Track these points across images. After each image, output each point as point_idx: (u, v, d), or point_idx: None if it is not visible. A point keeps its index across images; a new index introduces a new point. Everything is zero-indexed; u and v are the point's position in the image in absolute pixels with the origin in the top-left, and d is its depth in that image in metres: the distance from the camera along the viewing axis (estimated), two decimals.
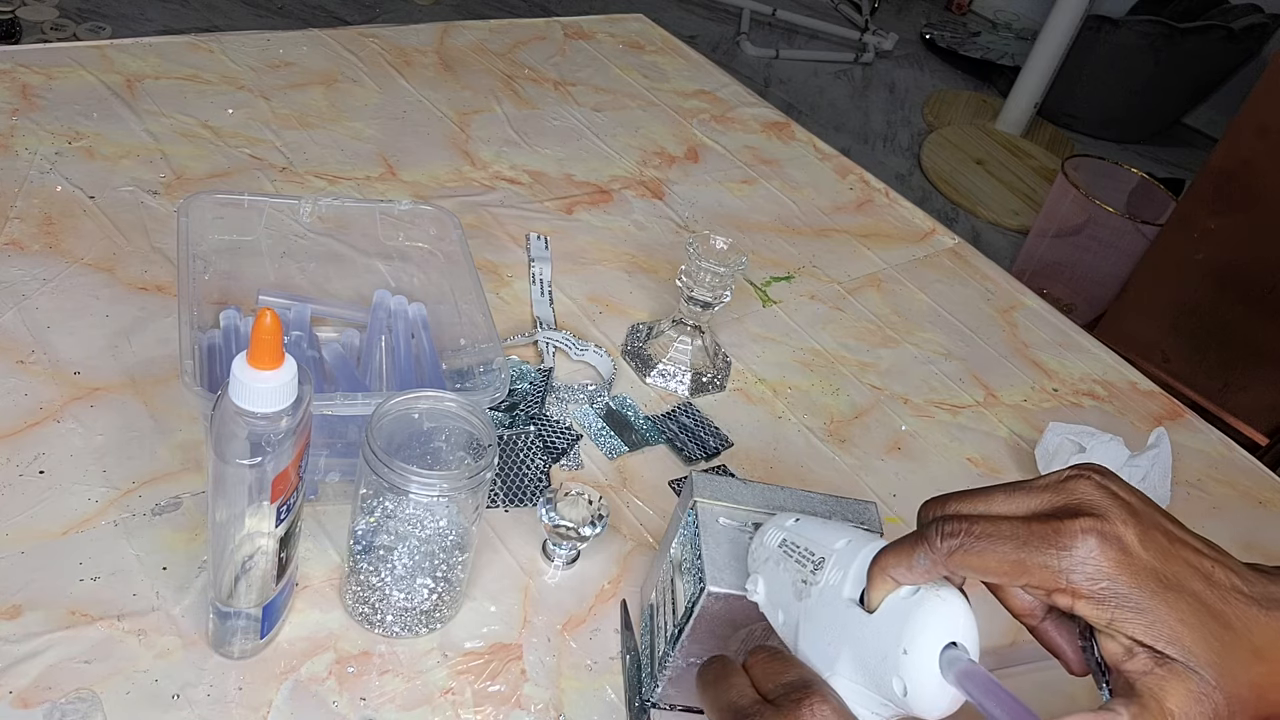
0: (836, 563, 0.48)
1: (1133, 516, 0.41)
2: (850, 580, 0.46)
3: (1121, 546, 0.40)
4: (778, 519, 0.54)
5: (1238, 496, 0.94)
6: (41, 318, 0.77)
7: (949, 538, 0.42)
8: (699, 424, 0.84)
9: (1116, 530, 0.40)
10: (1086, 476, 0.43)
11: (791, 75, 3.29)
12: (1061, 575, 0.40)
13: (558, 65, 1.30)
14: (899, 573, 0.44)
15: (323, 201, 0.79)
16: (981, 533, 0.42)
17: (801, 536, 0.51)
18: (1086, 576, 0.40)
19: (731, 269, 0.82)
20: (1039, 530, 0.41)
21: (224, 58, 1.13)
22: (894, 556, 0.44)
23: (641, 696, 0.64)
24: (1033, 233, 2.54)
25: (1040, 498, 0.43)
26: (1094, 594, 0.40)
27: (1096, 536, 0.40)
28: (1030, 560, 0.41)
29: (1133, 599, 0.40)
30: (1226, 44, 3.00)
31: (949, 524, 0.43)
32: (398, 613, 0.62)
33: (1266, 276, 1.87)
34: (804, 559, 0.50)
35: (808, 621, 0.48)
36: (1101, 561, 0.40)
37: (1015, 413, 0.96)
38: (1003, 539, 0.41)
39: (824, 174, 1.24)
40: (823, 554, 0.49)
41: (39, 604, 0.60)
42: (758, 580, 0.52)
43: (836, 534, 0.50)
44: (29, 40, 2.40)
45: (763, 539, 0.54)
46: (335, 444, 0.69)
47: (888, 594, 0.44)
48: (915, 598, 0.44)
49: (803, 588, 0.49)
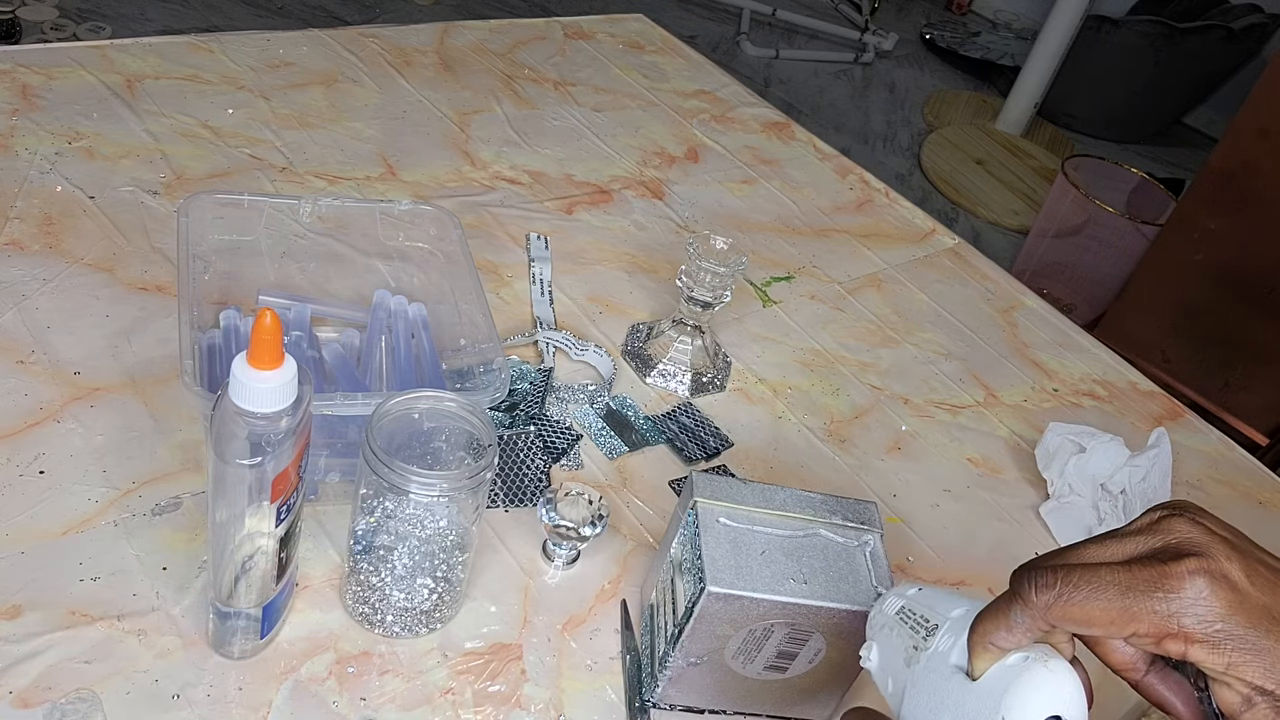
0: (950, 630, 0.46)
1: (1236, 552, 0.40)
2: (959, 647, 0.45)
3: (1230, 585, 0.38)
4: (900, 587, 0.53)
5: (1238, 496, 0.94)
6: (41, 318, 0.77)
7: (1045, 590, 0.40)
8: (699, 424, 0.84)
9: (1224, 568, 0.39)
10: (1180, 514, 0.42)
11: (791, 75, 3.29)
12: (1172, 620, 0.38)
13: (558, 65, 1.30)
14: (998, 636, 0.42)
15: (323, 201, 0.79)
16: (1080, 581, 0.40)
17: (920, 604, 0.50)
18: (1199, 619, 0.38)
19: (731, 269, 0.82)
20: (1142, 574, 0.39)
21: (224, 58, 1.13)
22: (991, 619, 0.42)
23: (641, 696, 0.64)
24: (1033, 233, 2.54)
25: (1136, 541, 0.41)
26: (1209, 638, 0.38)
27: (1205, 577, 0.38)
28: (1136, 606, 0.39)
29: (1249, 640, 0.38)
30: (1226, 44, 3.00)
31: (1044, 575, 0.41)
32: (398, 613, 0.62)
33: (1266, 276, 1.87)
34: (918, 626, 0.48)
35: (913, 688, 0.46)
36: (1214, 603, 0.38)
37: (1015, 413, 0.96)
38: (1104, 585, 0.39)
39: (824, 174, 1.24)
40: (937, 621, 0.47)
41: (39, 604, 0.60)
42: (872, 647, 0.51)
43: (955, 602, 0.48)
44: (29, 40, 2.40)
45: (882, 606, 0.52)
46: (335, 444, 0.69)
47: (991, 662, 0.43)
48: (1020, 665, 0.42)
49: (913, 654, 0.47)
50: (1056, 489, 0.86)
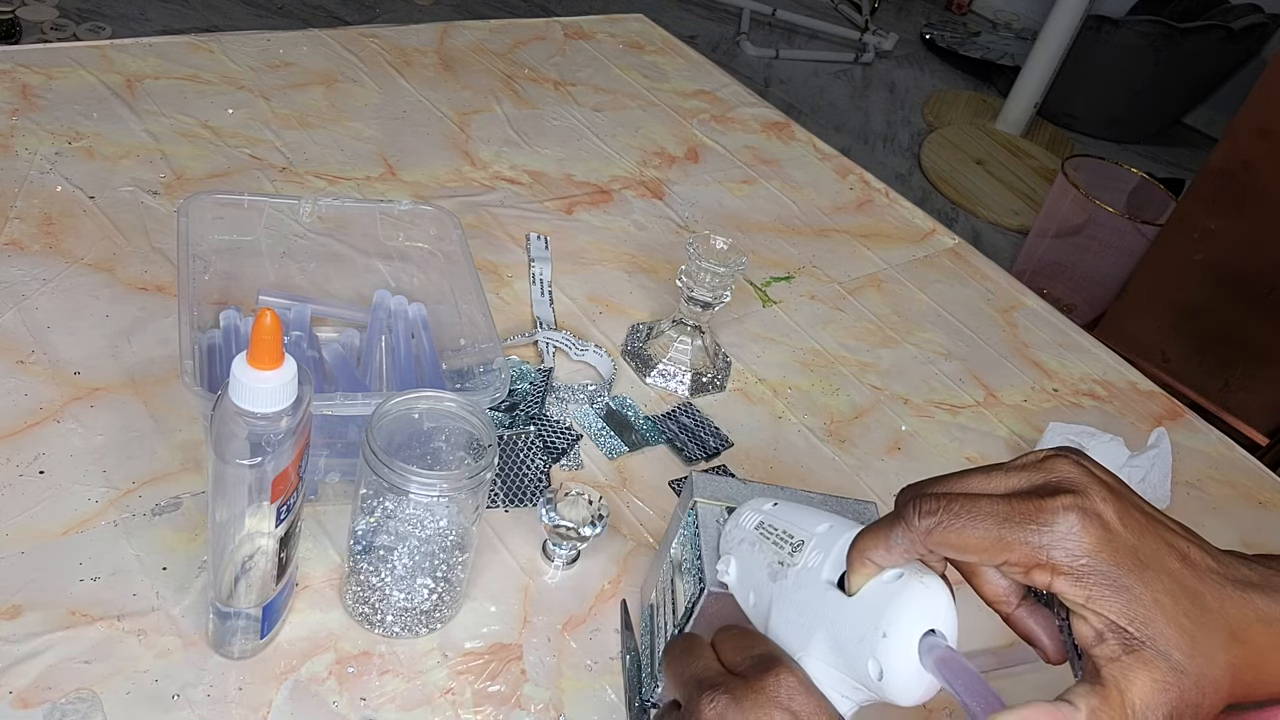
0: (817, 546, 0.47)
1: (1112, 494, 0.41)
2: (830, 563, 0.46)
3: (1102, 523, 0.40)
4: (754, 502, 0.54)
5: (1238, 496, 0.94)
6: (41, 318, 0.77)
7: (927, 515, 0.42)
8: (699, 424, 0.84)
9: (1097, 507, 0.40)
10: (1064, 456, 0.43)
11: (791, 75, 3.29)
12: (1042, 551, 0.40)
13: (558, 65, 1.30)
14: (878, 554, 0.43)
15: (323, 201, 0.79)
16: (960, 510, 0.42)
17: (781, 520, 0.51)
18: (1067, 553, 0.40)
19: (731, 269, 0.82)
20: (1019, 507, 0.41)
21: (224, 58, 1.13)
22: (872, 538, 0.44)
23: (641, 696, 0.64)
24: (1033, 233, 2.54)
25: (1019, 476, 0.43)
26: (1074, 570, 0.40)
27: (1078, 513, 0.40)
28: (1010, 536, 0.40)
29: (1112, 576, 0.39)
30: (1226, 44, 3.00)
31: (927, 502, 0.42)
32: (398, 613, 0.62)
33: (1266, 276, 1.87)
34: (782, 541, 0.49)
35: (782, 602, 0.47)
36: (1083, 538, 0.40)
37: (1015, 413, 0.96)
38: (982, 515, 0.41)
39: (824, 174, 1.24)
40: (803, 537, 0.48)
41: (39, 604, 0.60)
42: (730, 561, 0.52)
43: (818, 518, 0.49)
44: (29, 40, 2.40)
45: (738, 520, 0.53)
46: (335, 444, 0.69)
47: (869, 578, 0.44)
48: (898, 582, 0.43)
49: (779, 569, 0.48)
50: None
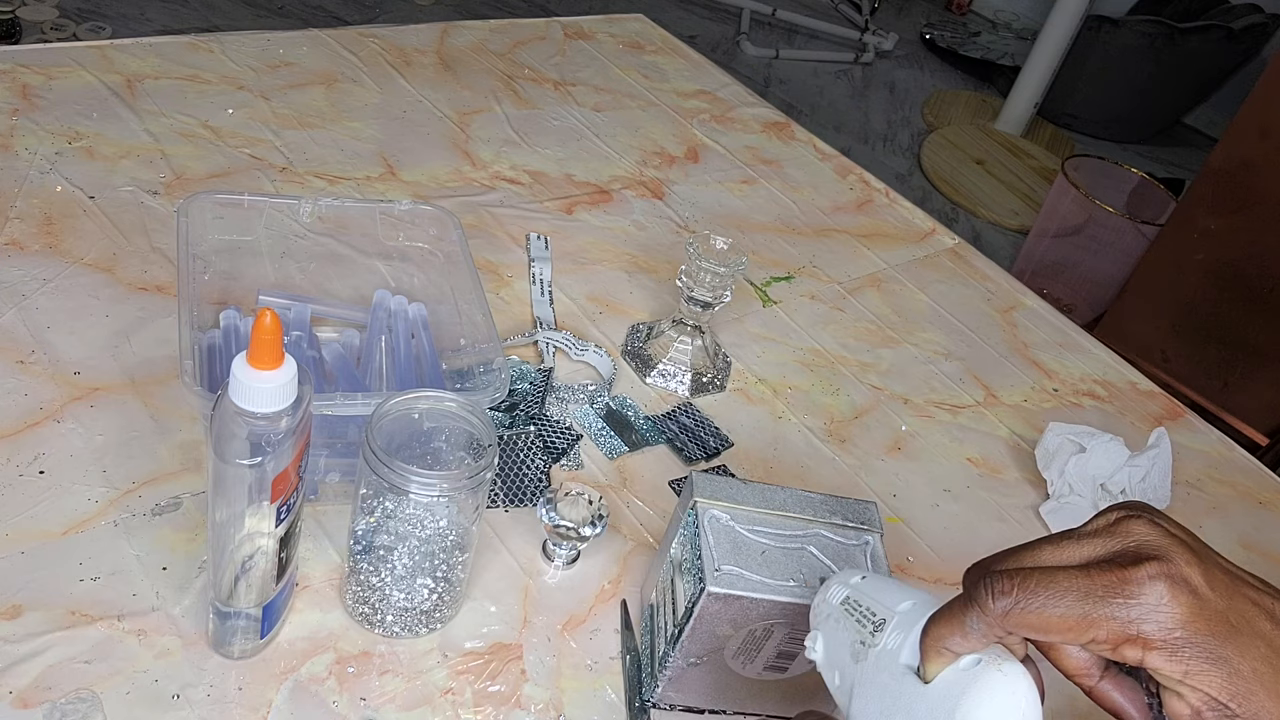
0: (898, 626, 0.45)
1: (1195, 556, 0.39)
2: (909, 646, 0.44)
3: (1191, 590, 0.38)
4: (843, 574, 0.51)
5: (1238, 496, 0.94)
6: (41, 318, 0.77)
7: (1001, 596, 0.39)
8: (699, 424, 0.84)
9: (1184, 573, 0.38)
10: (1138, 517, 0.40)
11: (791, 75, 3.29)
12: (1132, 625, 0.37)
13: (558, 65, 1.30)
14: (953, 641, 0.41)
15: (323, 201, 0.79)
16: (1037, 587, 0.39)
17: (865, 595, 0.48)
18: (1159, 626, 0.37)
19: (731, 269, 0.82)
20: (1101, 579, 0.38)
21: (224, 58, 1.13)
22: (945, 624, 0.41)
23: (641, 696, 0.64)
24: (1033, 233, 2.54)
25: (1093, 544, 0.40)
26: (1168, 644, 0.37)
27: (1166, 581, 0.37)
28: (1096, 613, 0.38)
29: (1208, 647, 0.37)
30: (1226, 44, 3.00)
31: (999, 581, 0.39)
32: (398, 613, 0.62)
33: (1266, 276, 1.87)
34: (865, 619, 0.47)
35: (862, 686, 0.45)
36: (1174, 608, 0.37)
37: (1015, 413, 0.96)
38: (1062, 591, 0.38)
39: (824, 174, 1.24)
40: (884, 615, 0.46)
41: (39, 604, 0.60)
42: (817, 638, 0.50)
43: (902, 595, 0.47)
44: (29, 40, 2.40)
45: (826, 594, 0.51)
46: (335, 444, 0.69)
47: (944, 665, 0.42)
48: (974, 670, 0.41)
49: (860, 649, 0.46)
50: (1056, 489, 0.86)
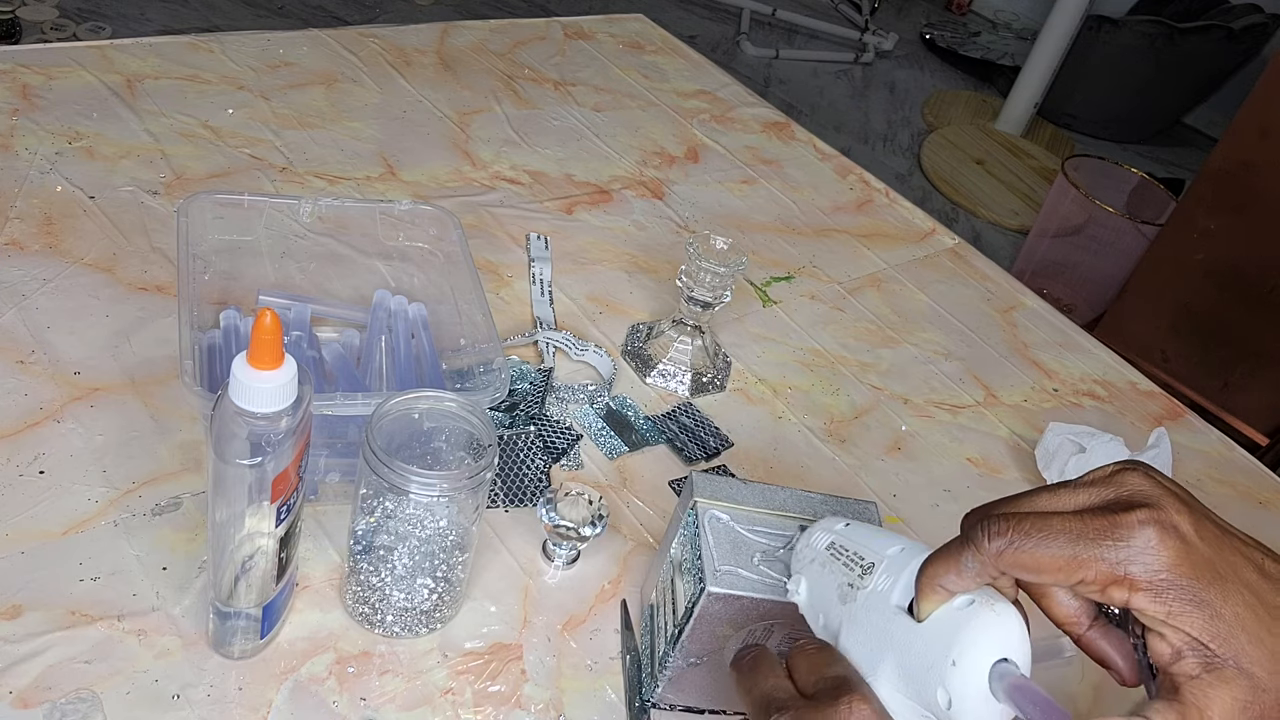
0: (887, 569, 0.46)
1: (1186, 506, 0.40)
2: (900, 587, 0.45)
3: (1179, 536, 0.39)
4: (826, 521, 0.52)
5: (1238, 496, 0.94)
6: (41, 318, 0.77)
7: (997, 537, 0.41)
8: (699, 424, 0.84)
9: (1173, 520, 0.39)
10: (1133, 469, 0.42)
11: (791, 75, 3.29)
12: (1119, 566, 0.39)
13: (558, 65, 1.30)
14: (948, 580, 0.42)
15: (323, 201, 0.79)
16: (1031, 529, 0.40)
17: (852, 540, 0.50)
18: (1145, 567, 0.39)
19: (731, 269, 0.82)
20: (1093, 523, 0.40)
21: (224, 58, 1.13)
22: (942, 563, 0.43)
23: (641, 696, 0.64)
24: (1033, 233, 2.54)
25: (1088, 493, 0.42)
26: (1153, 585, 0.39)
27: (1155, 526, 0.39)
28: (1085, 553, 0.39)
29: (1192, 590, 0.38)
30: (1226, 44, 3.00)
31: (996, 524, 0.41)
32: (398, 613, 0.62)
33: (1266, 276, 1.87)
34: (852, 563, 0.48)
35: (851, 625, 0.47)
36: (1161, 552, 0.39)
37: (1015, 413, 0.96)
38: (1055, 533, 0.40)
39: (824, 174, 1.24)
40: (873, 559, 0.47)
41: (39, 604, 0.60)
42: (800, 581, 0.51)
43: (889, 540, 0.48)
44: (29, 40, 2.40)
45: (809, 540, 0.52)
46: (335, 444, 0.69)
47: (939, 604, 0.43)
48: (969, 609, 0.42)
49: (849, 591, 0.47)
50: None
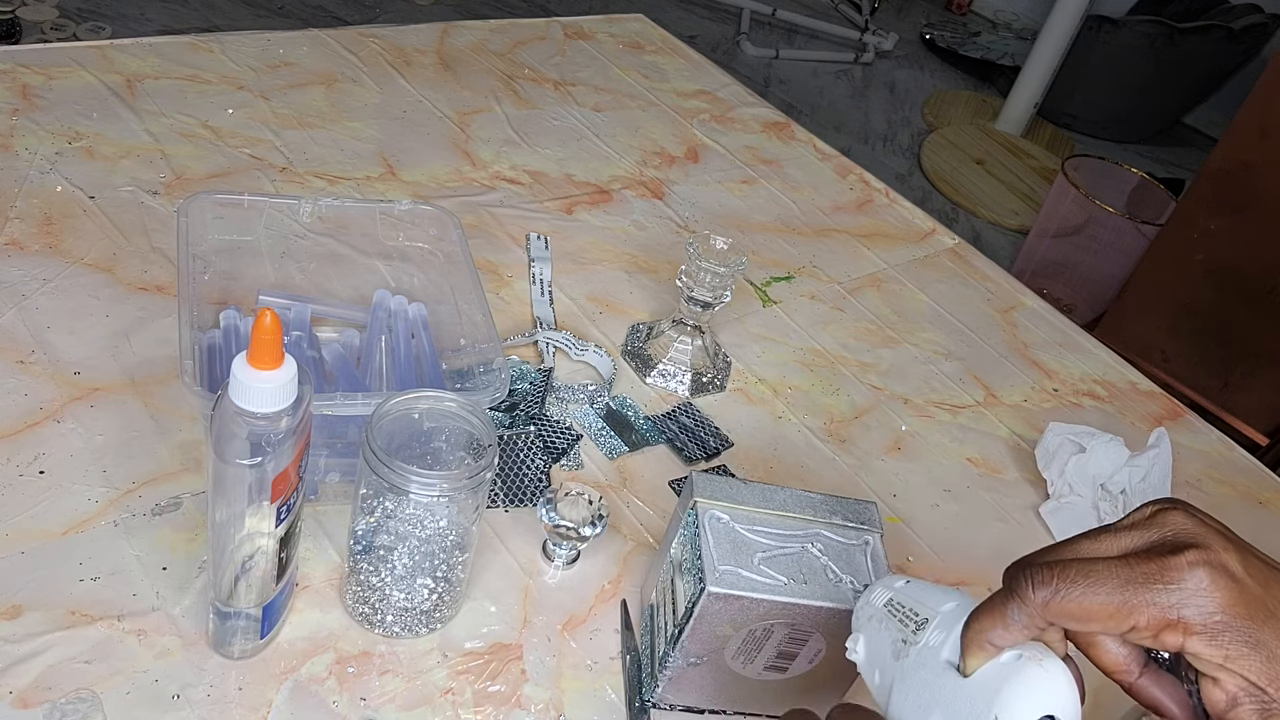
0: (940, 624, 0.46)
1: (1232, 544, 0.40)
2: (950, 642, 0.44)
3: (1230, 576, 0.38)
4: (887, 579, 0.52)
5: (1238, 496, 0.94)
6: (41, 318, 0.77)
7: (1042, 586, 0.40)
8: (699, 424, 0.84)
9: (1223, 559, 0.39)
10: (1174, 508, 0.41)
11: (791, 75, 3.29)
12: (1172, 610, 0.38)
13: (558, 65, 1.30)
14: (995, 634, 0.42)
15: (323, 201, 0.79)
16: (1077, 575, 0.39)
17: (909, 597, 0.49)
18: (1199, 610, 0.38)
19: (731, 269, 0.82)
20: (1141, 567, 0.39)
21: (224, 58, 1.13)
22: (987, 617, 0.42)
23: (641, 696, 0.64)
24: (1033, 233, 2.54)
25: (1131, 536, 0.41)
26: (1209, 628, 0.38)
27: (1206, 568, 0.38)
28: (1136, 599, 0.38)
29: (1247, 631, 0.38)
30: (1226, 44, 3.00)
31: (1039, 573, 0.40)
32: (398, 613, 0.62)
33: (1266, 277, 1.87)
34: (907, 619, 0.48)
35: (902, 682, 0.46)
36: (1214, 593, 0.38)
37: (1015, 413, 0.96)
38: (1102, 579, 0.39)
39: (824, 174, 1.24)
40: (927, 615, 0.47)
41: (39, 604, 0.60)
42: (858, 639, 0.50)
43: (945, 597, 0.48)
44: (29, 40, 2.40)
45: (869, 597, 0.52)
46: (335, 444, 0.69)
47: (985, 659, 0.42)
48: (1015, 664, 0.42)
49: (901, 647, 0.47)
50: (1056, 489, 0.86)
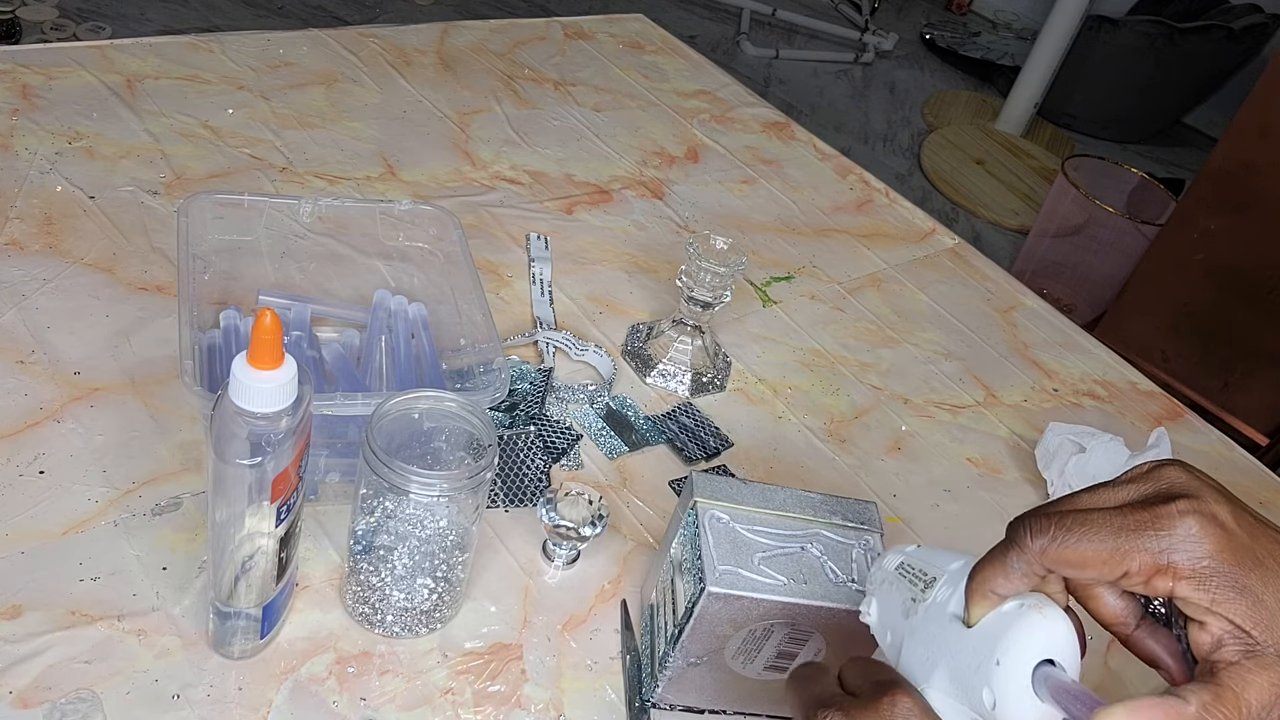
0: (948, 581, 0.47)
1: (1224, 496, 0.41)
2: (957, 597, 0.45)
3: (1219, 524, 0.40)
4: (899, 546, 0.53)
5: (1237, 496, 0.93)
6: (41, 318, 0.77)
7: (1039, 534, 0.42)
8: (699, 424, 0.84)
9: (1213, 509, 0.40)
10: (1171, 465, 0.43)
11: (791, 75, 3.29)
12: (1163, 555, 0.40)
13: (558, 65, 1.30)
14: (996, 583, 0.43)
15: (323, 201, 0.79)
16: (1074, 524, 0.41)
17: (919, 559, 0.50)
18: (1189, 555, 0.39)
19: (731, 269, 0.82)
20: (1135, 516, 0.41)
21: (224, 58, 1.13)
22: (989, 567, 0.44)
23: (641, 696, 0.64)
24: (1033, 233, 2.54)
25: (1128, 489, 0.43)
26: (1197, 572, 0.39)
27: (1196, 516, 0.40)
28: (1129, 545, 0.40)
29: (1234, 577, 0.39)
30: (1226, 44, 3.00)
31: (1038, 521, 0.42)
32: (398, 613, 0.62)
33: (1266, 277, 1.87)
34: (916, 579, 0.49)
35: (911, 638, 0.47)
36: (1203, 540, 0.39)
37: (1015, 413, 0.96)
38: (1098, 527, 0.41)
39: (824, 174, 1.24)
40: (935, 574, 0.48)
41: (39, 604, 0.60)
42: (872, 602, 0.51)
43: (954, 557, 0.49)
44: (29, 40, 2.40)
45: (882, 563, 0.53)
46: (335, 444, 0.69)
47: (989, 608, 0.44)
48: (1016, 612, 0.43)
49: (911, 605, 0.48)
50: (1056, 489, 0.86)
